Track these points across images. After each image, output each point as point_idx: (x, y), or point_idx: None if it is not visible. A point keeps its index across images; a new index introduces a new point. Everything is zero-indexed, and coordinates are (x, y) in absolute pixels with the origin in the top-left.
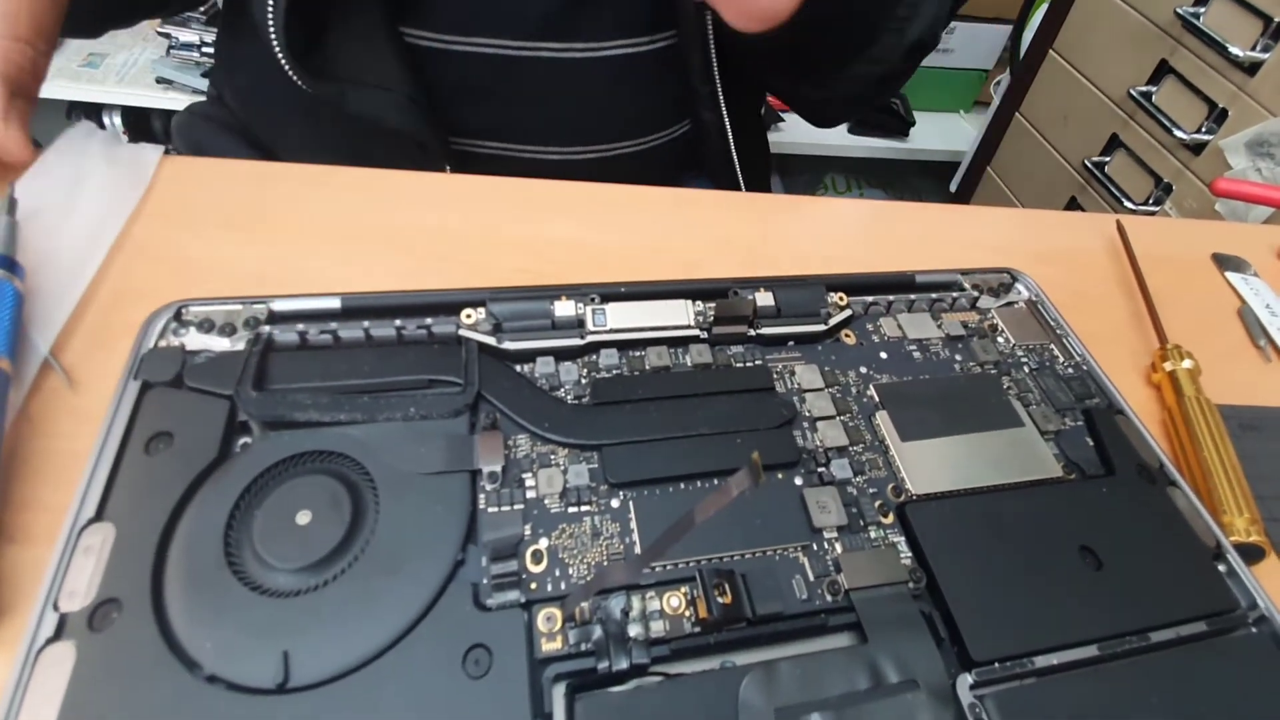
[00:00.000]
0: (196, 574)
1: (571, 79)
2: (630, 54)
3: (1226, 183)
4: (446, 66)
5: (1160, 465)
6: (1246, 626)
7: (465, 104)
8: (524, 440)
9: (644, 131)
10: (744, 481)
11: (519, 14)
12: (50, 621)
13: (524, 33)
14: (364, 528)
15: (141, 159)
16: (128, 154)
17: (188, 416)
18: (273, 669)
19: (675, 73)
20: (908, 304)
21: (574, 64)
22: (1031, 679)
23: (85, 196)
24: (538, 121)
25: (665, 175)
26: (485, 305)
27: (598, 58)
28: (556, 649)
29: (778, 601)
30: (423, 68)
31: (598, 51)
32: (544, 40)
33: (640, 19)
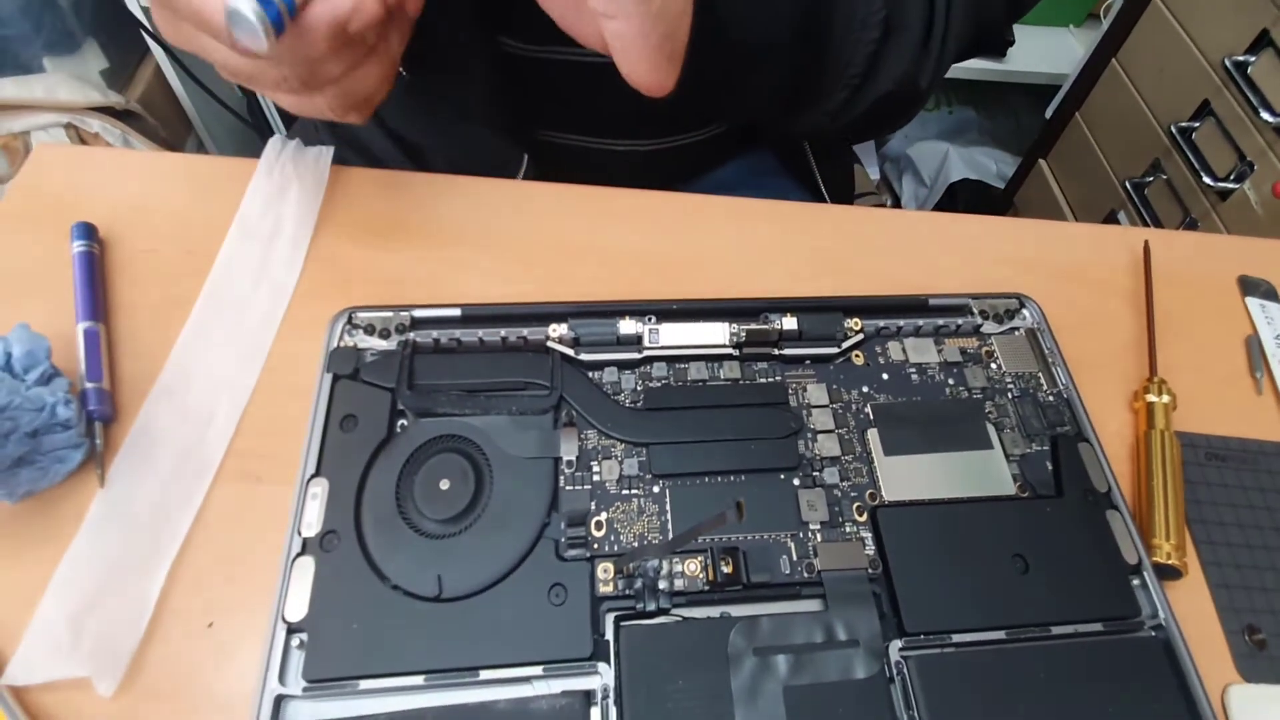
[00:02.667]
0: (380, 518)
1: None
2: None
3: None
4: (532, 69)
5: (1107, 490)
6: (1145, 631)
7: (546, 101)
8: (593, 435)
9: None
10: (732, 518)
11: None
12: (297, 543)
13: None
14: (483, 495)
15: (320, 165)
16: (310, 159)
17: (365, 404)
18: (432, 585)
19: None
20: (916, 328)
21: None
22: (949, 649)
23: (288, 209)
24: (613, 119)
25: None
26: (567, 320)
27: None
28: (610, 591)
29: (767, 573)
30: (511, 70)
31: None
32: None
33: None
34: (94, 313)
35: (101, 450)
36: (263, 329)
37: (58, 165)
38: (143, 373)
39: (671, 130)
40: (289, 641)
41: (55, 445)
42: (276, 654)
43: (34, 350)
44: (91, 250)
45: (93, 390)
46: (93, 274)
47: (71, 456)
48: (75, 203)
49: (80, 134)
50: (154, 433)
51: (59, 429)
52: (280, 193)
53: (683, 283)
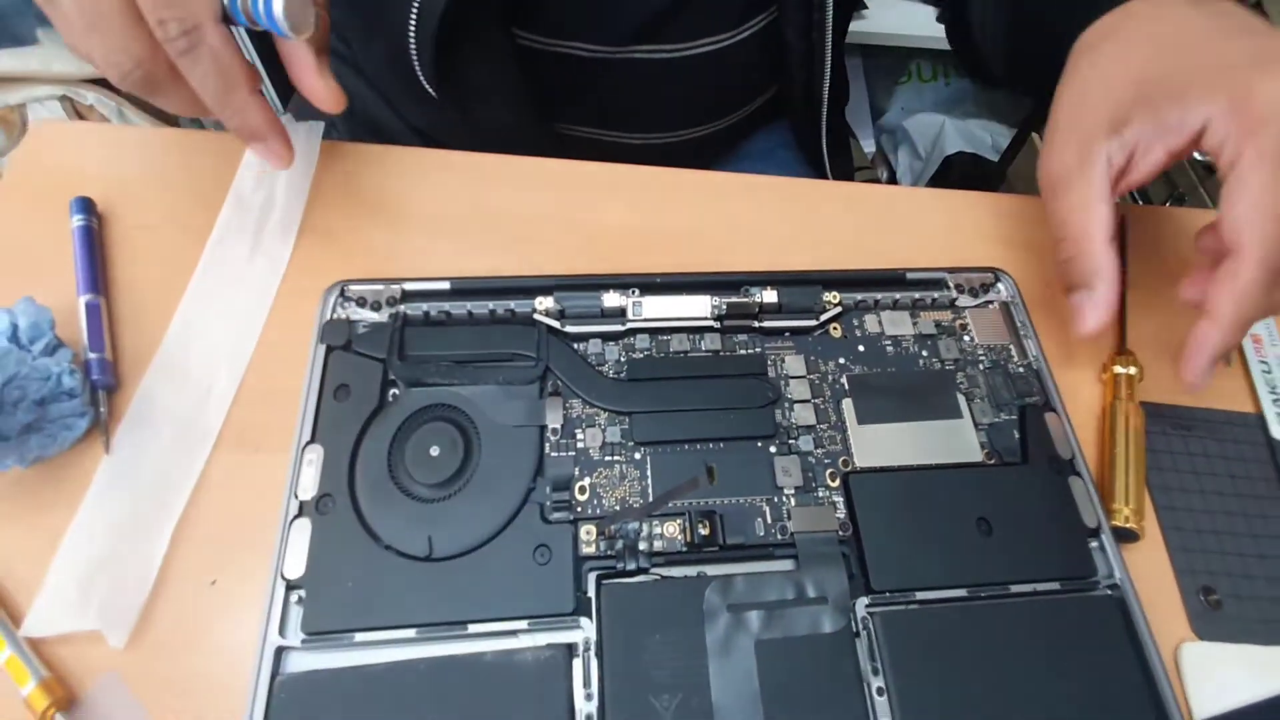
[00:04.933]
0: (373, 483)
1: (661, 77)
2: (719, 49)
3: None
4: (550, 64)
5: (1071, 458)
6: (1101, 590)
7: (563, 95)
8: (577, 404)
9: (731, 109)
10: (704, 482)
11: (614, 22)
12: (295, 506)
13: (618, 39)
14: (472, 461)
15: (310, 140)
16: (302, 135)
17: (358, 374)
18: (423, 545)
19: (766, 49)
20: (894, 301)
21: (663, 64)
22: (912, 606)
23: (280, 183)
24: (629, 113)
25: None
26: (552, 293)
27: (686, 56)
28: (592, 552)
29: (741, 536)
30: (529, 64)
31: (686, 51)
32: (637, 44)
33: (728, 18)
34: (94, 286)
35: (106, 418)
36: (258, 301)
37: (55, 141)
38: (143, 344)
39: (686, 124)
40: (288, 597)
41: (62, 413)
42: (276, 609)
43: (38, 322)
44: (90, 225)
45: (96, 360)
46: (92, 248)
47: (77, 424)
48: (73, 178)
49: (75, 106)
50: (155, 402)
51: (65, 397)
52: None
53: (667, 256)
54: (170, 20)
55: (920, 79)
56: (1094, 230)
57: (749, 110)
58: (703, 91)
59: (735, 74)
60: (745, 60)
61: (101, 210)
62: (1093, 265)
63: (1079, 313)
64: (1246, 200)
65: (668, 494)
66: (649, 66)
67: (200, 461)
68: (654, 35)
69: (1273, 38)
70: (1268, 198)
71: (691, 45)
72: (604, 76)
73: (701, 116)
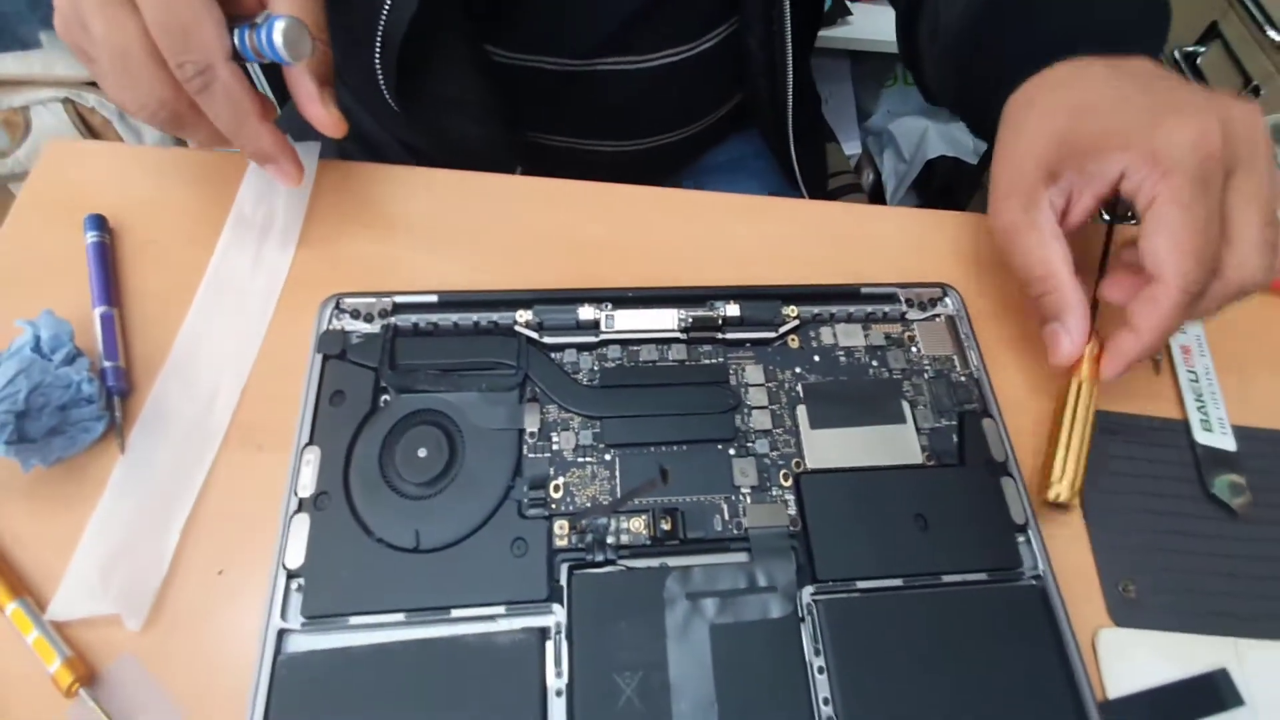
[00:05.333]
0: (366, 481)
1: (628, 88)
2: (683, 59)
3: None
4: (518, 77)
5: (1004, 460)
6: (1025, 581)
7: (533, 107)
8: (553, 409)
9: (698, 116)
10: (659, 484)
11: (580, 36)
12: (294, 502)
13: (584, 52)
14: (456, 461)
15: (307, 160)
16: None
17: (352, 381)
18: (410, 538)
19: (729, 58)
20: (848, 314)
21: (630, 74)
22: (853, 594)
23: (279, 201)
24: (598, 122)
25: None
26: (532, 307)
27: (652, 67)
28: (565, 545)
29: (701, 530)
30: (498, 78)
31: (651, 62)
32: (602, 57)
33: (691, 29)
34: (108, 298)
35: (120, 422)
36: (259, 313)
37: (67, 160)
38: (153, 352)
39: (655, 131)
40: (289, 585)
41: (81, 418)
42: (279, 595)
43: (59, 334)
44: (103, 240)
45: (110, 369)
46: (105, 262)
47: (95, 427)
48: (84, 195)
49: (78, 108)
50: (165, 406)
51: (84, 403)
52: (271, 186)
53: (639, 271)
54: (187, 63)
55: (905, 83)
56: (1056, 267)
57: (716, 117)
58: (670, 100)
59: (700, 83)
60: (709, 69)
61: (112, 226)
62: (1063, 301)
63: (1054, 342)
64: (1165, 238)
65: (628, 493)
66: (615, 78)
67: (208, 461)
68: (619, 48)
69: (1171, 92)
70: (1184, 235)
71: (656, 56)
72: (572, 88)
73: (670, 124)
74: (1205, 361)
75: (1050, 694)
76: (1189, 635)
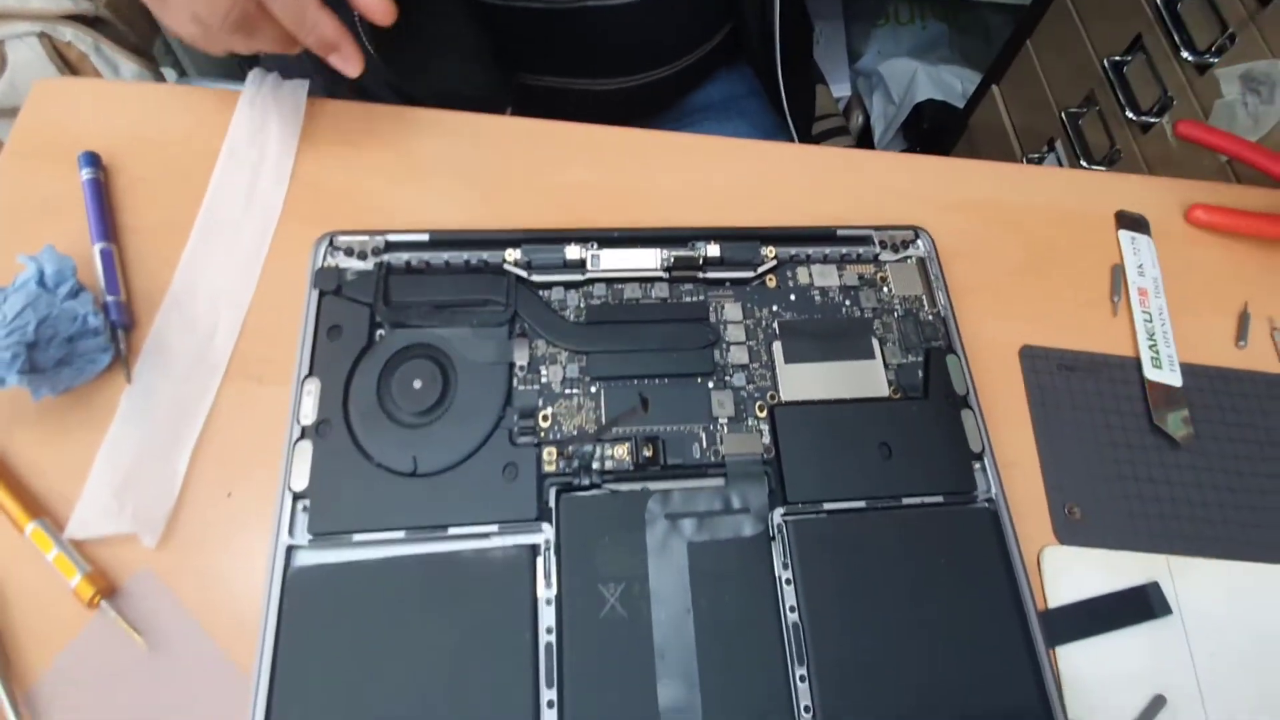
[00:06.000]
0: (364, 411)
1: (616, 23)
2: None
3: (1189, 126)
4: (507, 20)
5: (965, 394)
6: (979, 504)
7: (522, 49)
8: (541, 344)
9: (688, 49)
10: (640, 412)
11: None
12: (297, 430)
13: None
14: (450, 392)
15: (296, 97)
16: (288, 92)
17: (348, 316)
18: (408, 463)
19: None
20: (824, 256)
21: (618, 9)
22: (820, 515)
23: (270, 138)
24: (587, 60)
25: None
26: (521, 246)
27: (637, 3)
28: (553, 470)
29: (680, 457)
30: (487, 22)
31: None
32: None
33: None
34: (106, 234)
35: (125, 354)
36: (255, 249)
37: (57, 98)
38: (151, 288)
39: (645, 67)
40: (295, 506)
41: (88, 349)
42: (286, 515)
43: (62, 269)
44: (98, 177)
45: (113, 303)
46: (101, 199)
47: (101, 359)
48: (75, 134)
49: (54, 43)
50: (167, 339)
51: (90, 335)
52: (262, 124)
53: (624, 212)
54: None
55: (898, 21)
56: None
57: (707, 50)
58: (659, 33)
59: (689, 12)
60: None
61: (105, 163)
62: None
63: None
64: None
65: (612, 420)
66: (603, 14)
67: (211, 391)
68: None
69: None
70: None
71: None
72: (559, 26)
73: (660, 59)
74: (1160, 303)
75: (996, 604)
76: (1127, 553)
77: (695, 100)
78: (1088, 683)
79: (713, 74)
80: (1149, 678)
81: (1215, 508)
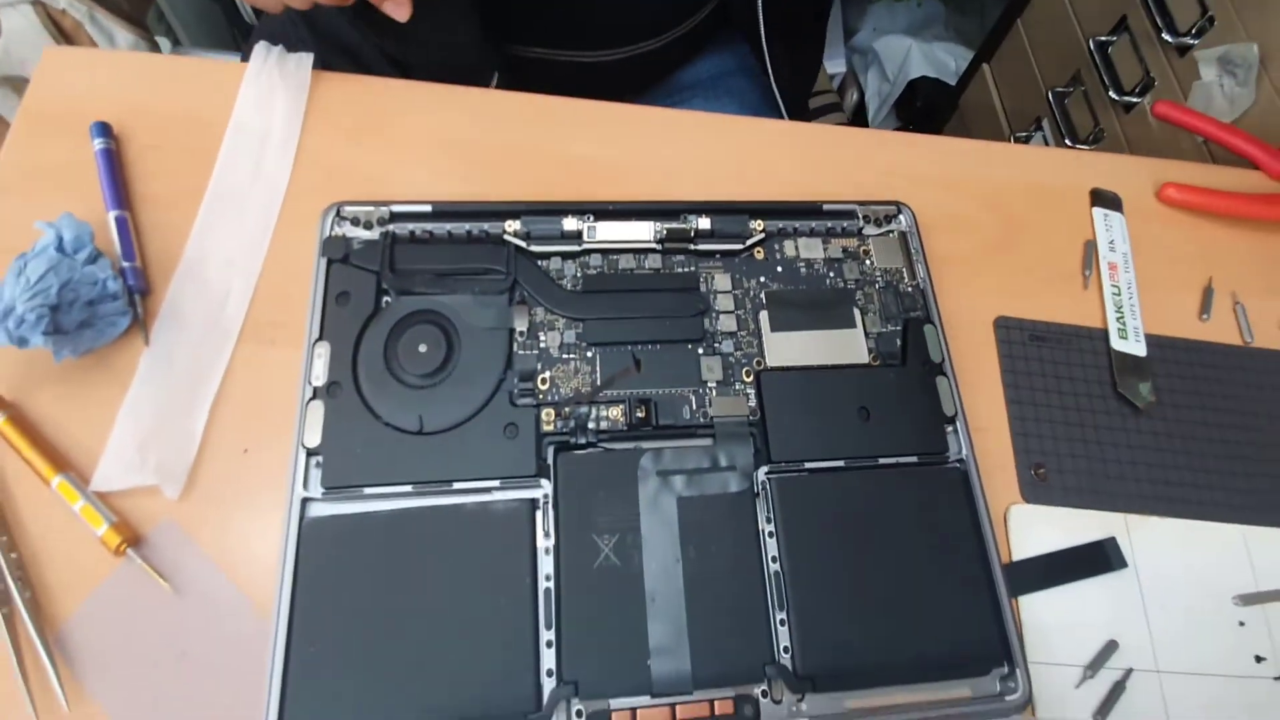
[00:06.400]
0: (372, 373)
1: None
2: None
3: (1165, 106)
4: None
5: (940, 361)
6: (950, 464)
7: (511, 17)
8: (540, 311)
9: (675, 23)
10: (633, 372)
11: None
12: (309, 390)
13: None
14: (453, 356)
15: (300, 71)
16: (292, 66)
17: (355, 284)
18: (415, 422)
19: None
20: (810, 229)
21: None
22: (802, 473)
23: (277, 110)
24: (575, 31)
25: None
26: (520, 217)
27: None
28: (551, 429)
29: (671, 418)
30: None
31: None
32: None
33: None
34: (120, 202)
35: (143, 317)
36: (264, 218)
37: (65, 68)
38: (165, 255)
39: (636, 38)
40: (308, 461)
41: (108, 312)
42: (300, 470)
43: (80, 235)
44: (110, 146)
45: (129, 269)
46: (114, 167)
47: (120, 322)
48: (86, 103)
49: (48, 11)
50: (182, 304)
51: (110, 299)
52: (268, 97)
53: (619, 186)
54: None
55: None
56: None
57: (696, 21)
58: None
59: None
60: None
61: (115, 133)
62: None
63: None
64: None
65: (606, 381)
66: None
67: (226, 354)
68: None
69: None
70: None
71: None
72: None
73: (648, 30)
74: (1129, 277)
75: (964, 556)
76: (1088, 511)
77: (684, 77)
78: (1047, 629)
79: (702, 49)
80: (1104, 625)
81: (1172, 470)
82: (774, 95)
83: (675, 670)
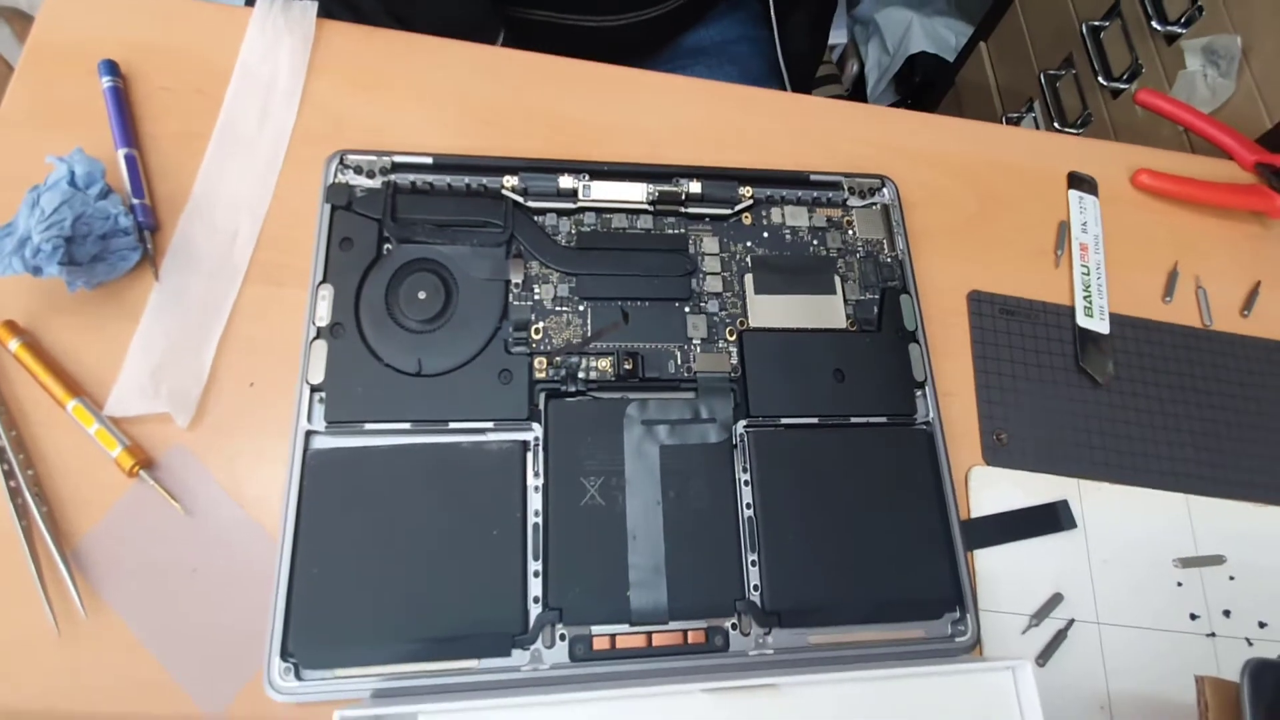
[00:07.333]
0: (374, 317)
1: None
2: None
3: (1147, 94)
4: None
5: (914, 329)
6: (918, 426)
7: None
8: (535, 265)
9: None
10: (621, 325)
11: None
12: (313, 330)
13: None
14: (451, 304)
15: (305, 20)
16: (296, 14)
17: (358, 230)
18: (414, 365)
19: None
20: (797, 198)
21: None
22: (778, 428)
23: (282, 57)
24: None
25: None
26: (518, 173)
27: None
28: (543, 377)
29: (657, 372)
30: None
31: None
32: None
33: None
34: (129, 140)
35: (153, 253)
36: (269, 163)
37: (71, 5)
38: (173, 194)
39: (637, 4)
40: (312, 397)
41: (119, 247)
42: (304, 404)
43: (92, 171)
44: (118, 85)
45: (139, 205)
46: (122, 106)
47: (131, 256)
48: (91, 42)
49: None
50: (191, 242)
51: (121, 234)
52: (274, 44)
53: (614, 147)
54: None
55: None
56: None
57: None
58: None
59: None
60: None
61: (124, 73)
62: None
63: None
64: None
65: (595, 333)
66: None
67: (233, 292)
68: None
69: None
70: None
71: None
72: None
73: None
74: (1098, 258)
75: (925, 511)
76: (1044, 475)
77: (688, 43)
78: (999, 580)
79: (705, 15)
80: (1051, 579)
81: (1125, 440)
82: (778, 65)
83: (653, 602)
